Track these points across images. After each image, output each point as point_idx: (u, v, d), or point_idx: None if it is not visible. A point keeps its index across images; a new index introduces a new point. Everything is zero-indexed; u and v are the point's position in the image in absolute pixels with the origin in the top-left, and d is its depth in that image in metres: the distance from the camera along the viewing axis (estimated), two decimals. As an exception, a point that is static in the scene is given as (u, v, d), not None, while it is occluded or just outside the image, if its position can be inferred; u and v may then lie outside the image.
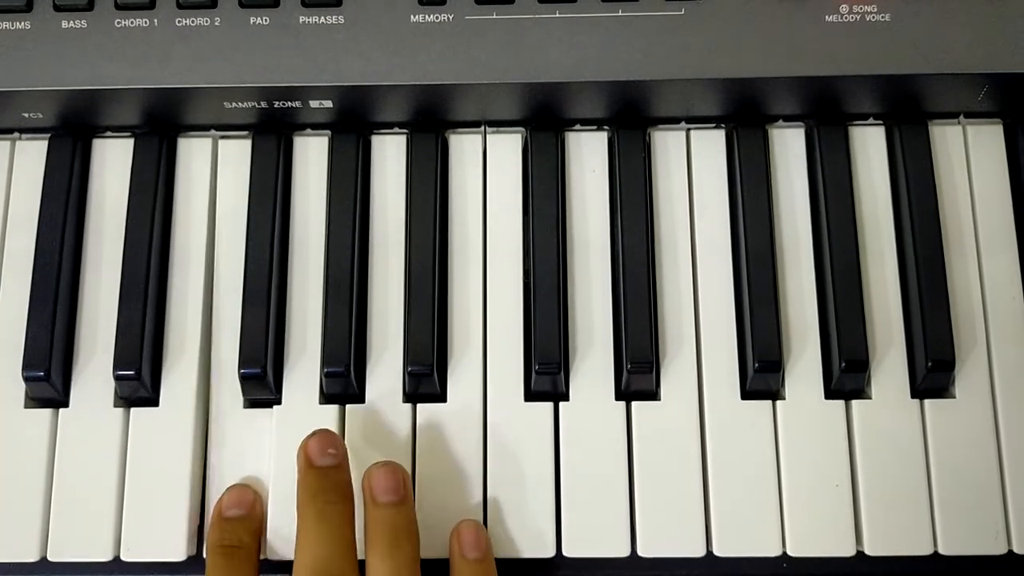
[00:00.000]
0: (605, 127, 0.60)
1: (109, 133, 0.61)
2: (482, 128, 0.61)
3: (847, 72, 0.55)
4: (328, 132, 0.60)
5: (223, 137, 0.61)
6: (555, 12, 0.56)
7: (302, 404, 0.57)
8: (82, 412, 0.56)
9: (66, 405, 0.57)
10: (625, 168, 0.58)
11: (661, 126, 0.60)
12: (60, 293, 0.57)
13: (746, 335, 0.56)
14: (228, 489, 0.55)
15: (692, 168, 0.60)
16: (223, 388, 0.57)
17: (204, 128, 0.60)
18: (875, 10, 0.56)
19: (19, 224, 0.59)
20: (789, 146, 0.60)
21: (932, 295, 0.56)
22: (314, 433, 0.54)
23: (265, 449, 0.56)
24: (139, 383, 0.55)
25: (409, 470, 0.55)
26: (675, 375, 0.56)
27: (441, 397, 0.57)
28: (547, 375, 0.55)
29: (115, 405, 0.57)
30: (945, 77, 0.56)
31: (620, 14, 0.56)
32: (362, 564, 0.52)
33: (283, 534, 0.55)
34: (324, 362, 0.56)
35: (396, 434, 0.56)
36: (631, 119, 0.59)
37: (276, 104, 0.58)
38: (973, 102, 0.58)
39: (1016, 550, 0.54)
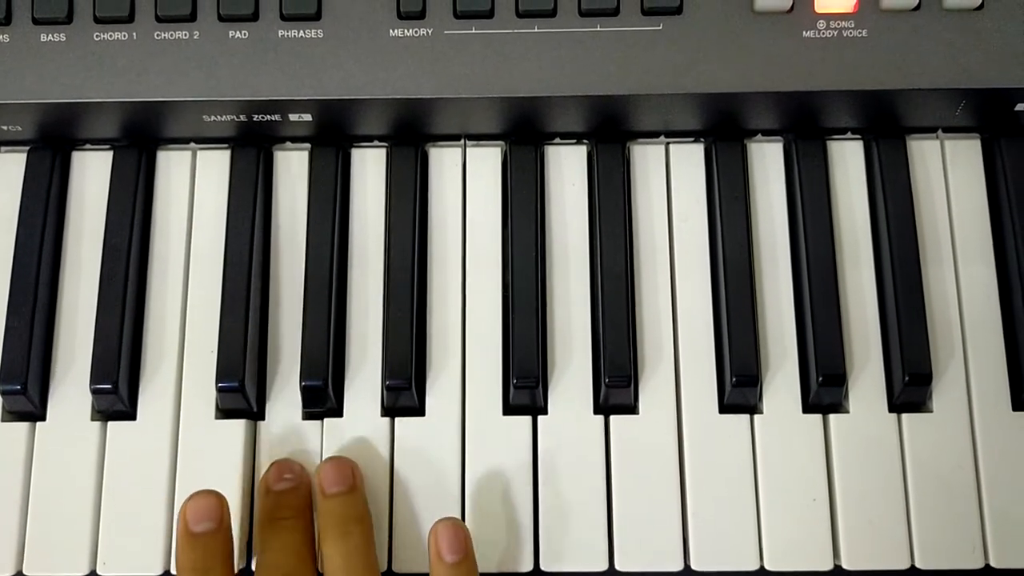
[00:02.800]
0: (584, 141, 0.61)
1: (88, 146, 0.61)
2: (462, 141, 0.61)
3: (825, 87, 0.56)
4: (308, 145, 0.60)
5: (202, 150, 0.61)
6: (534, 27, 0.56)
7: (281, 418, 0.56)
8: (59, 426, 0.56)
9: (43, 419, 0.56)
10: (604, 182, 0.59)
11: (640, 140, 0.60)
12: (38, 307, 0.57)
13: (724, 349, 0.56)
14: (192, 497, 0.51)
15: (671, 182, 0.60)
16: (201, 402, 0.57)
17: (183, 141, 0.60)
18: (852, 26, 0.56)
19: (-2, 238, 0.59)
20: (767, 160, 0.60)
21: (909, 309, 0.56)
22: (272, 464, 0.55)
23: (243, 464, 0.56)
24: (116, 397, 0.55)
25: (387, 484, 0.55)
26: (653, 389, 0.57)
27: (419, 411, 0.57)
28: (525, 389, 0.55)
29: (92, 419, 0.56)
30: (922, 92, 0.56)
31: (599, 29, 0.56)
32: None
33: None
34: (302, 375, 0.56)
35: (374, 448, 0.56)
36: (610, 133, 0.60)
37: (255, 118, 0.58)
38: (951, 117, 0.59)
39: (993, 564, 0.54)
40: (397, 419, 0.56)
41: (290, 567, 0.52)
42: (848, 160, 0.60)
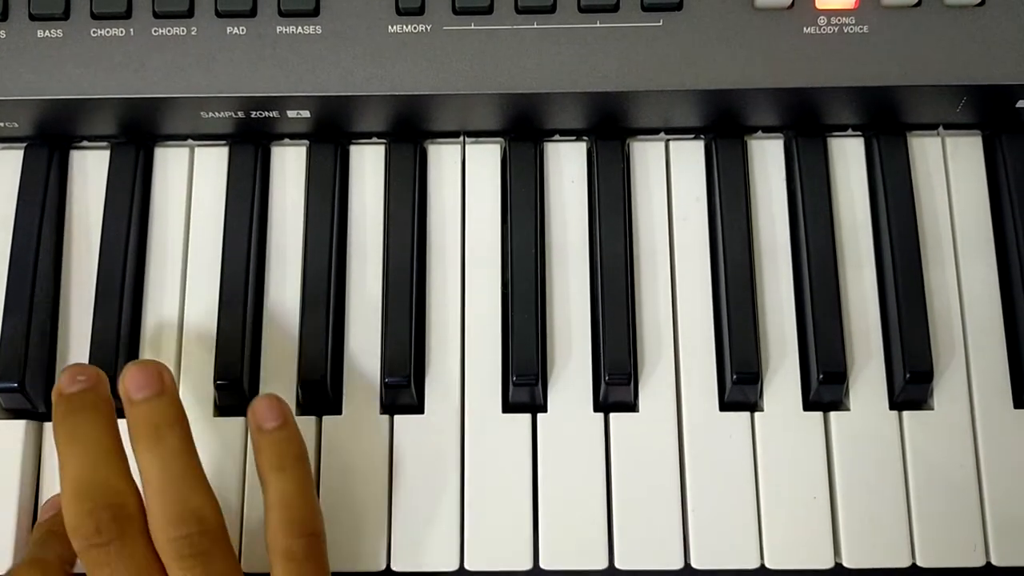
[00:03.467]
0: (584, 138, 0.60)
1: (86, 143, 0.60)
2: (461, 138, 0.60)
3: (825, 84, 0.55)
4: (306, 142, 0.60)
5: (200, 147, 0.60)
6: (533, 23, 0.56)
7: (278, 415, 0.56)
8: (56, 424, 0.56)
9: (41, 417, 0.56)
10: (604, 179, 0.58)
11: (640, 136, 0.60)
12: (35, 304, 0.56)
13: (724, 347, 0.56)
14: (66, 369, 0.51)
15: (671, 179, 0.60)
16: (199, 399, 0.56)
17: (181, 138, 0.60)
18: (853, 22, 0.56)
19: (-5, 234, 0.59)
20: (768, 157, 0.60)
21: (910, 306, 0.56)
22: (65, 370, 0.51)
23: (239, 459, 0.56)
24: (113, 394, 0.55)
25: (386, 482, 0.55)
26: (653, 387, 0.56)
27: (419, 409, 0.56)
28: (525, 386, 0.55)
29: (90, 416, 0.56)
30: (923, 89, 0.56)
31: (598, 25, 0.56)
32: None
33: (258, 547, 0.54)
34: (300, 373, 0.55)
35: (373, 446, 0.56)
36: (610, 130, 0.59)
37: (253, 114, 0.57)
38: (952, 114, 0.58)
39: (994, 562, 0.54)
40: (396, 417, 0.56)
41: (96, 472, 0.48)
42: (849, 157, 0.60)
